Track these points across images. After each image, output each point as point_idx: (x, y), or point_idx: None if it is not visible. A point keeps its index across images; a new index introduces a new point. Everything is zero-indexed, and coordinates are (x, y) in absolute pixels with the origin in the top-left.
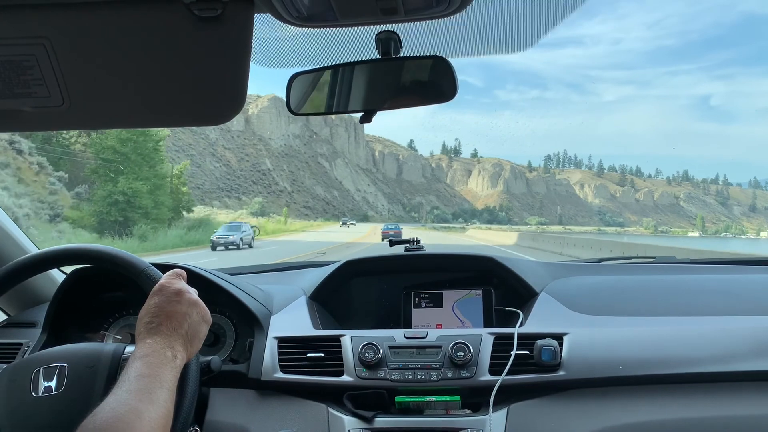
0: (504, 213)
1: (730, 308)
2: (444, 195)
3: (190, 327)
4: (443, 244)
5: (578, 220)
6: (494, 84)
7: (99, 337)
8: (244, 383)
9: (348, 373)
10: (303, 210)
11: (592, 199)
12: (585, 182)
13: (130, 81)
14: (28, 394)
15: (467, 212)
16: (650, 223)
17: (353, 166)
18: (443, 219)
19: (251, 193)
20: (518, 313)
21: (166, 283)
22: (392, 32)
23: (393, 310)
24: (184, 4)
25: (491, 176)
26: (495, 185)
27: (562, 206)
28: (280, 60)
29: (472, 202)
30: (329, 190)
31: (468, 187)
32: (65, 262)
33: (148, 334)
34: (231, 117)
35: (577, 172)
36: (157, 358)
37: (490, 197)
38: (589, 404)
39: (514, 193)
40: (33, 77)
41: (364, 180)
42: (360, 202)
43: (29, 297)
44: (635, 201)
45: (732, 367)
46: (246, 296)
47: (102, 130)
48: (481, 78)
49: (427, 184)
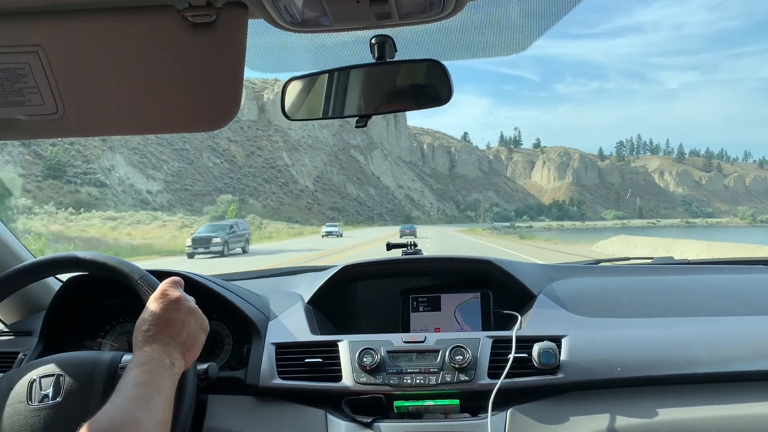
0: (575, 207)
1: (729, 309)
2: (504, 190)
3: (189, 335)
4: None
5: (660, 212)
6: (552, 77)
7: (96, 345)
8: (242, 390)
9: (346, 378)
10: (329, 213)
11: (674, 188)
12: (665, 169)
13: (123, 88)
14: (24, 404)
15: (533, 208)
16: (746, 213)
17: (394, 158)
18: (505, 217)
19: (261, 194)
20: (516, 315)
21: (165, 290)
22: (387, 36)
23: (391, 314)
24: (178, 11)
25: (558, 167)
26: (563, 177)
27: (641, 197)
28: (275, 65)
29: (538, 197)
30: (363, 187)
31: (531, 180)
32: (62, 270)
33: (146, 341)
34: (226, 123)
35: (655, 159)
36: (155, 366)
37: (557, 190)
38: (588, 406)
39: (585, 185)
40: (27, 85)
41: (408, 174)
42: (402, 200)
43: (25, 305)
44: (724, 188)
45: (731, 367)
46: (243, 302)
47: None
48: (538, 72)
49: (484, 178)
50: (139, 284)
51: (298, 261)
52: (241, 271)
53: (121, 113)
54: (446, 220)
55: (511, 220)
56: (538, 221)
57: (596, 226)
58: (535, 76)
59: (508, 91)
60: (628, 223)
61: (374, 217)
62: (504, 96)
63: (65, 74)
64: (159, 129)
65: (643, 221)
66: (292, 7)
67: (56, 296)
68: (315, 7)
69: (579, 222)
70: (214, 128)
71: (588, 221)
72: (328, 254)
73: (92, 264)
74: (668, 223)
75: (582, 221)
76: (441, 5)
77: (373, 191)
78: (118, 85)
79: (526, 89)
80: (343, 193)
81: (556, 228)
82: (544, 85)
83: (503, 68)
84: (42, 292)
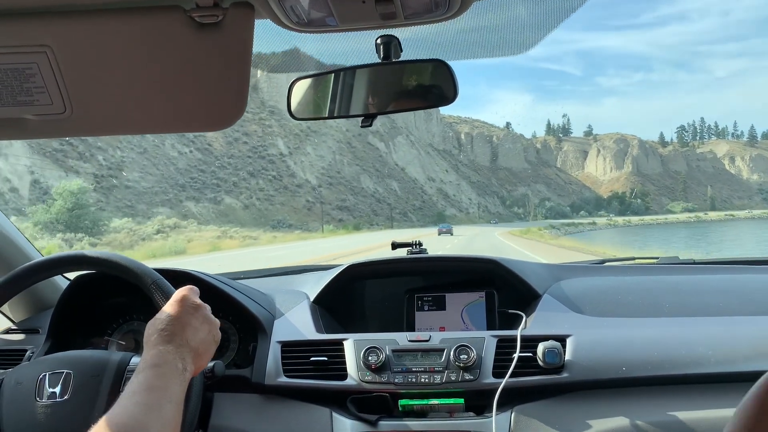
0: (639, 200)
1: (734, 309)
2: (556, 183)
3: (202, 342)
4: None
5: (734, 203)
6: (594, 71)
7: (103, 343)
8: (247, 388)
9: (351, 376)
10: (335, 213)
11: (748, 175)
12: (735, 154)
13: (131, 88)
14: (32, 400)
15: (590, 202)
16: None
17: (423, 146)
18: (560, 213)
19: (243, 191)
20: (521, 315)
21: (185, 295)
22: (392, 36)
23: (396, 313)
24: (185, 11)
25: (615, 155)
26: (621, 166)
27: (711, 186)
28: (281, 65)
29: (594, 189)
30: (383, 180)
31: (585, 171)
32: (70, 268)
33: (161, 340)
34: (232, 122)
35: (723, 143)
36: (168, 369)
37: (615, 181)
38: (593, 406)
39: (646, 174)
40: (35, 85)
41: (440, 165)
42: (433, 195)
43: (33, 303)
44: None
45: (736, 367)
46: (249, 301)
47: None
48: (579, 66)
49: (532, 170)
50: (152, 288)
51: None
52: (247, 270)
53: (128, 113)
54: (488, 217)
55: (566, 216)
56: (597, 217)
57: (667, 221)
58: (576, 70)
59: (549, 86)
60: (702, 217)
61: (396, 217)
62: (545, 91)
63: (73, 74)
64: (165, 128)
65: (720, 213)
66: (298, 7)
67: (64, 294)
68: (321, 8)
69: (647, 216)
70: (220, 128)
71: (654, 215)
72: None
73: (103, 263)
74: (745, 215)
75: (647, 215)
76: (446, 5)
77: (396, 185)
78: (125, 85)
79: (567, 83)
80: (355, 188)
81: (622, 224)
82: (586, 78)
83: (543, 63)
84: (50, 291)
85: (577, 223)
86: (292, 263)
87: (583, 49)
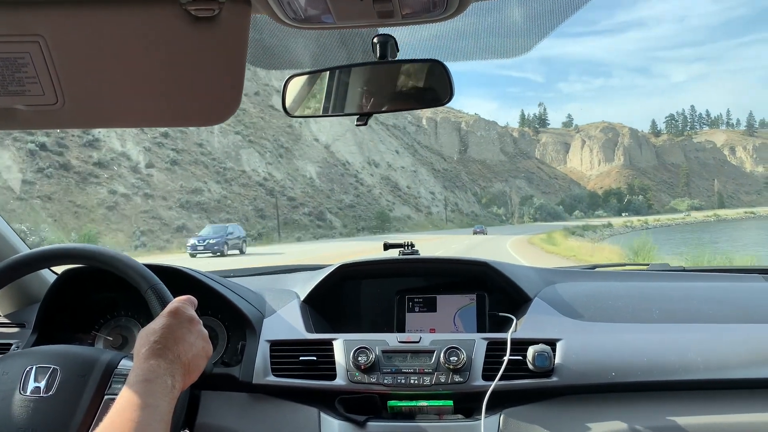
0: (639, 196)
1: (724, 316)
2: (538, 177)
3: (193, 358)
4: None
5: (741, 198)
6: (556, 77)
7: (89, 338)
8: (235, 386)
9: (340, 377)
10: (172, 215)
11: (752, 167)
12: (734, 144)
13: (124, 81)
14: (15, 392)
15: (581, 200)
16: None
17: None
18: (552, 214)
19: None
20: (512, 318)
21: (181, 308)
22: (389, 35)
23: (386, 314)
24: (181, 4)
25: (602, 146)
26: (610, 158)
27: (716, 179)
28: (277, 61)
29: (583, 185)
30: (290, 162)
31: (568, 166)
32: (59, 262)
33: (152, 354)
34: (226, 118)
35: (720, 133)
36: (158, 386)
37: (605, 176)
38: (582, 410)
39: (640, 167)
40: (27, 75)
41: (388, 144)
42: (375, 187)
43: (20, 297)
44: None
45: (725, 374)
46: (238, 298)
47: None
48: (542, 73)
49: (510, 163)
50: (149, 293)
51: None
52: (238, 268)
53: (121, 105)
54: (461, 222)
55: (560, 217)
56: (594, 217)
57: (684, 220)
58: (539, 76)
59: (513, 93)
60: (722, 215)
61: (302, 221)
62: (510, 98)
63: (66, 65)
64: (158, 122)
65: (739, 211)
66: (295, 3)
67: (51, 288)
68: (318, 4)
69: (662, 216)
70: (213, 123)
71: (656, 214)
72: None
73: (94, 257)
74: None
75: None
76: (444, 5)
77: (313, 170)
78: (118, 77)
79: (530, 90)
80: (229, 170)
81: (638, 226)
82: (548, 85)
83: (506, 71)
84: (37, 284)
85: (590, 226)
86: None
87: (545, 56)
